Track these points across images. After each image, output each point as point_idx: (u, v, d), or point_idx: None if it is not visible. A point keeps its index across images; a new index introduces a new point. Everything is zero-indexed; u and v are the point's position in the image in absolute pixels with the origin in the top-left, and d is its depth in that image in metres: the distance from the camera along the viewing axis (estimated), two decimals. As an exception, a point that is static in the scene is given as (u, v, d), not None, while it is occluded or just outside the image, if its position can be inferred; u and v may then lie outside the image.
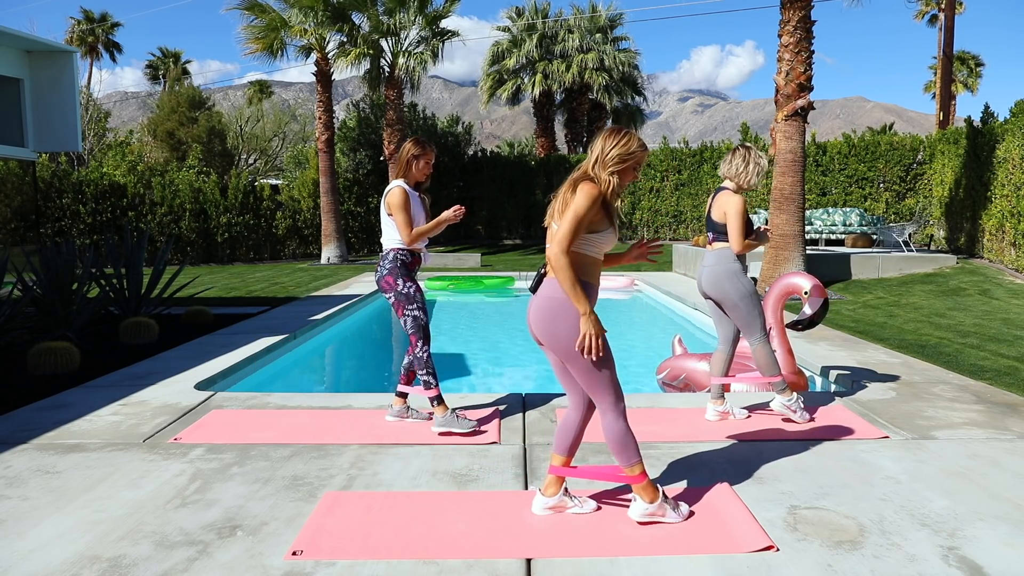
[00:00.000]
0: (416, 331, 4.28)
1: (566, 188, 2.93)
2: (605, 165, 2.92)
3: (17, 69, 9.84)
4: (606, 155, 2.92)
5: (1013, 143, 12.35)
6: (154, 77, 47.59)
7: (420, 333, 4.28)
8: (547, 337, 2.92)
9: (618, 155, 2.92)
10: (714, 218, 4.43)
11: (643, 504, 3.01)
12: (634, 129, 26.93)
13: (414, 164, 4.34)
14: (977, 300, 10.20)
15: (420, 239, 4.28)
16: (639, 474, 3.00)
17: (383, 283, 4.29)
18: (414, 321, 4.27)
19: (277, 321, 8.55)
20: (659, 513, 3.02)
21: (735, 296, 4.36)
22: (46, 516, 3.13)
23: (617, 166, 2.92)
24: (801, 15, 10.85)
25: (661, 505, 3.02)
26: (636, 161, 2.96)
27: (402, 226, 4.22)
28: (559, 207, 2.92)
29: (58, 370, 5.88)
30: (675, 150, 22.28)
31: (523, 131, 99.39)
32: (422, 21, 18.74)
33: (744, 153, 4.42)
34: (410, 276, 4.31)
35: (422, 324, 4.29)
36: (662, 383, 6.01)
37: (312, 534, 2.93)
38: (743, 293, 4.36)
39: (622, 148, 2.92)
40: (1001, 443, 4.05)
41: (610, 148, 2.92)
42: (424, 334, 4.30)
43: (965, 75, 43.25)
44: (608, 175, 2.91)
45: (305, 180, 21.42)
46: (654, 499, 3.00)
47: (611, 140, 2.94)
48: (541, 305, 2.93)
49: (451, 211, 4.27)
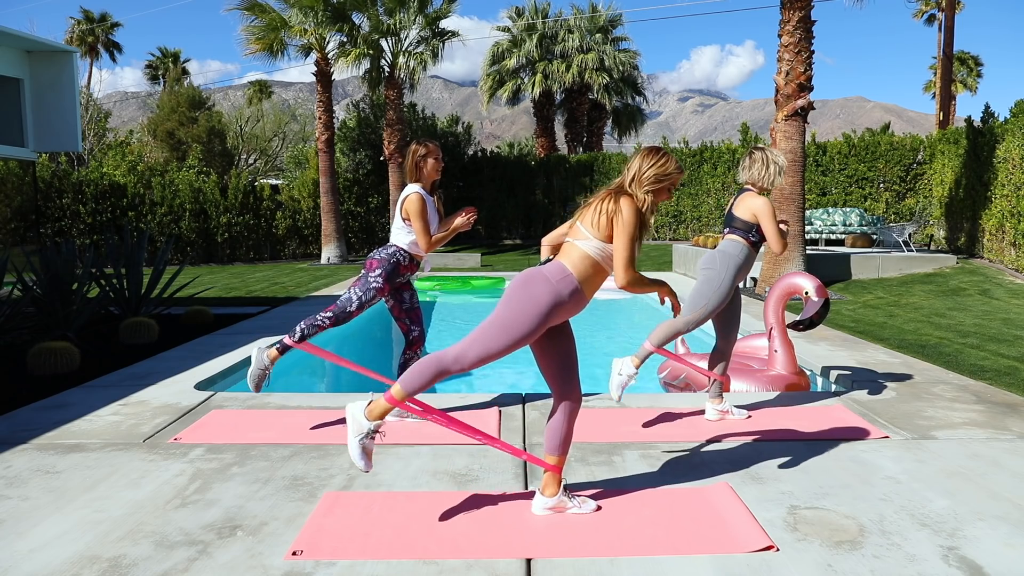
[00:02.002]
0: (340, 310, 4.23)
1: (602, 198, 2.94)
2: (641, 184, 2.96)
3: (17, 69, 9.84)
4: (643, 174, 2.97)
5: (1013, 143, 12.35)
6: (154, 77, 47.57)
7: (341, 315, 4.23)
8: (507, 293, 2.90)
9: (654, 175, 2.96)
10: (736, 213, 4.42)
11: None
12: (634, 129, 26.70)
13: (423, 164, 4.34)
14: (977, 300, 10.20)
15: (437, 246, 4.34)
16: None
17: (369, 261, 4.31)
18: (349, 303, 4.22)
19: (277, 321, 8.55)
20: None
21: (711, 274, 4.34)
22: (46, 516, 3.13)
23: (653, 186, 2.97)
24: (801, 15, 10.86)
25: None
26: (672, 183, 3.02)
27: (420, 233, 4.23)
28: (594, 217, 2.91)
29: (58, 370, 5.88)
30: (675, 150, 22.28)
31: (523, 131, 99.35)
32: (422, 21, 18.74)
33: (762, 156, 4.43)
34: (391, 276, 4.30)
35: (349, 311, 4.23)
36: (663, 382, 6.02)
37: (312, 534, 2.93)
38: (719, 280, 4.31)
39: (659, 169, 2.97)
40: (1001, 443, 4.05)
41: (647, 168, 2.97)
42: (343, 317, 4.23)
43: (965, 75, 43.25)
44: (644, 194, 2.95)
45: (305, 180, 21.42)
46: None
47: (648, 160, 2.99)
48: (526, 273, 2.94)
49: (464, 218, 4.29)
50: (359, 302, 4.24)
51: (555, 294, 2.84)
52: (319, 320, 4.23)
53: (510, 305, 2.85)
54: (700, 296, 4.35)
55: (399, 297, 4.47)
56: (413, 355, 4.53)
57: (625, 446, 4.02)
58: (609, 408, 4.77)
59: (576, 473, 3.60)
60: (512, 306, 2.84)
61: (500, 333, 2.84)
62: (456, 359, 2.86)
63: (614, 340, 8.93)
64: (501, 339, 2.83)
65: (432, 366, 2.87)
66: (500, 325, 2.84)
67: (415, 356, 4.54)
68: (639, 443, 4.08)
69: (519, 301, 2.84)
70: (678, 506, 3.20)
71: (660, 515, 3.11)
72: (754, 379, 5.35)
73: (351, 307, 4.24)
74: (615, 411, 4.69)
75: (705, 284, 4.35)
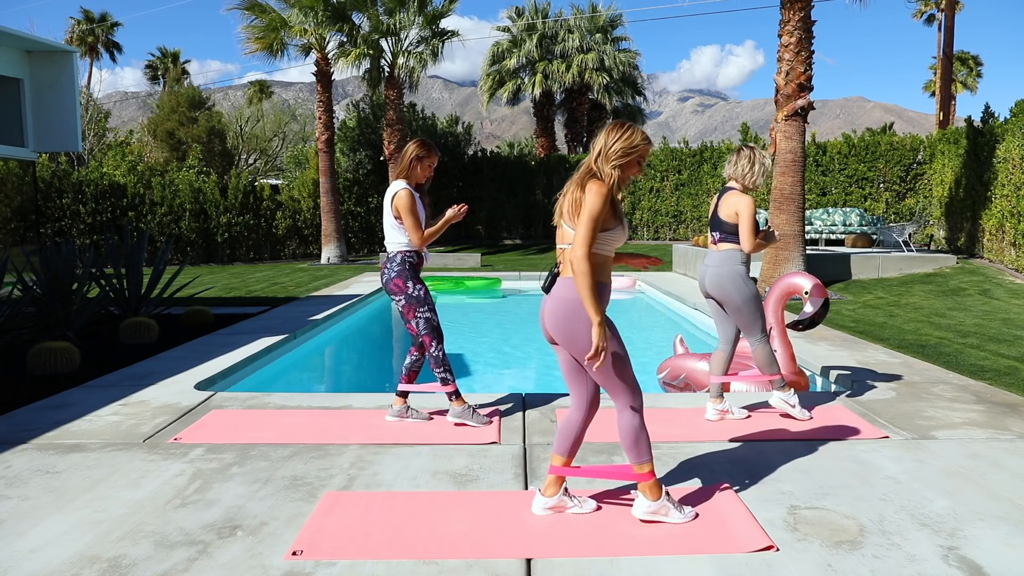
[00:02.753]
0: (429, 332, 4.30)
1: (574, 186, 2.91)
2: (608, 159, 2.90)
3: (17, 69, 9.84)
4: (609, 149, 2.90)
5: (1013, 143, 12.35)
6: (154, 77, 47.59)
7: (433, 334, 4.31)
8: (563, 338, 2.93)
9: (621, 148, 2.90)
10: (722, 217, 4.41)
11: (647, 502, 3.02)
12: (635, 128, 26.88)
13: (417, 165, 4.32)
14: (977, 300, 10.20)
15: (430, 240, 4.31)
16: (647, 472, 3.02)
17: (392, 286, 4.28)
18: (427, 323, 4.30)
19: (277, 321, 8.55)
20: (662, 512, 3.02)
21: (739, 299, 4.39)
22: (46, 516, 3.13)
23: (620, 159, 2.90)
24: (801, 15, 10.86)
25: (664, 504, 3.03)
26: (640, 154, 2.94)
27: (412, 229, 4.22)
28: (568, 207, 2.90)
29: (58, 370, 5.88)
30: (675, 150, 22.28)
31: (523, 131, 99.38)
32: (422, 21, 18.74)
33: (749, 154, 4.42)
34: (417, 278, 4.32)
35: (435, 325, 4.31)
36: (662, 382, 6.02)
37: (312, 534, 2.93)
38: (747, 297, 4.38)
39: (625, 142, 2.91)
40: (1001, 443, 4.05)
41: (613, 142, 2.91)
42: (437, 334, 4.32)
43: (965, 75, 43.26)
44: (611, 169, 2.90)
45: (305, 180, 21.42)
46: (657, 497, 3.01)
47: (614, 134, 2.93)
48: (557, 307, 2.92)
49: (454, 209, 4.28)
50: (427, 315, 4.31)
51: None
52: (435, 354, 4.33)
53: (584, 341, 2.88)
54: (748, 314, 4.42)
55: None
56: (419, 357, 4.52)
57: (625, 446, 4.02)
58: (609, 408, 4.75)
59: (576, 473, 3.60)
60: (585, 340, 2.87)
61: (614, 367, 2.93)
62: (632, 408, 3.01)
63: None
64: (621, 367, 2.95)
65: (635, 427, 3.01)
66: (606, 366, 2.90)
67: (421, 359, 4.53)
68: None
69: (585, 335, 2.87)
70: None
71: (660, 515, 3.11)
72: (754, 379, 5.34)
73: (434, 321, 4.32)
74: (615, 411, 4.68)
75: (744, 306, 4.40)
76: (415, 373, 4.52)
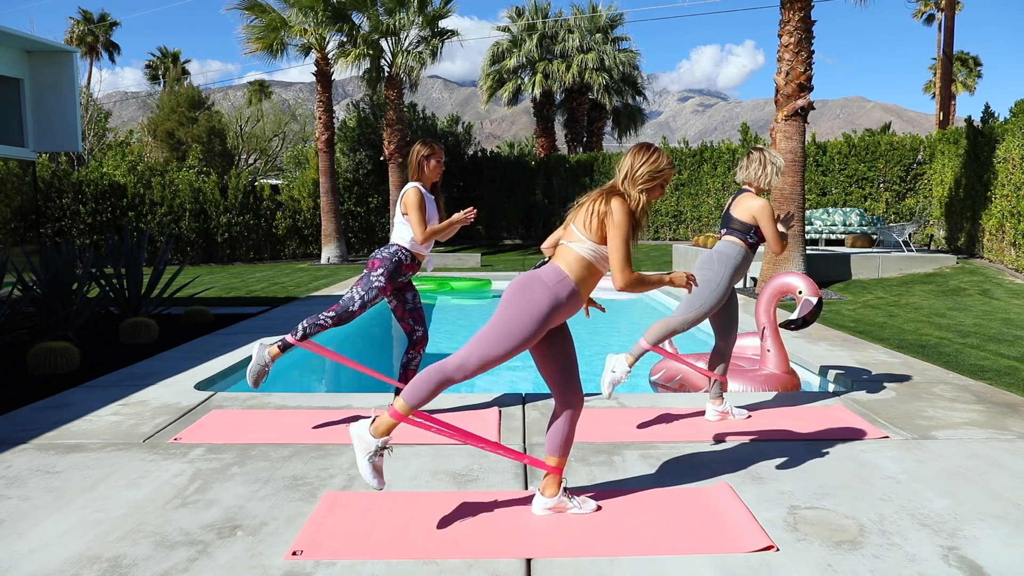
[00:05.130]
0: (342, 310, 4.23)
1: (594, 198, 2.91)
2: (635, 182, 2.93)
3: (17, 69, 9.84)
4: (635, 172, 2.93)
5: (1013, 143, 12.35)
6: (154, 77, 47.60)
7: (344, 314, 4.23)
8: (504, 298, 2.89)
9: (648, 172, 2.93)
10: (734, 214, 4.41)
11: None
12: (634, 129, 26.59)
13: (425, 164, 4.38)
14: (977, 300, 10.20)
15: (432, 238, 4.32)
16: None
17: (371, 261, 4.32)
18: (350, 301, 4.23)
19: (277, 321, 8.55)
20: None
21: (709, 275, 4.34)
22: (46, 516, 3.13)
23: (646, 184, 2.94)
24: (801, 15, 10.86)
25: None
26: (664, 179, 2.99)
27: (416, 224, 4.24)
28: (587, 218, 2.89)
29: (58, 370, 5.88)
30: (675, 150, 22.29)
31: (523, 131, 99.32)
32: (421, 21, 18.74)
33: (759, 156, 4.42)
34: (393, 276, 4.30)
35: (350, 310, 4.23)
36: (656, 384, 5.96)
37: (312, 534, 2.93)
38: (717, 280, 4.32)
39: (651, 166, 2.94)
40: (1001, 443, 4.05)
41: (640, 166, 2.94)
42: (342, 318, 4.23)
43: (964, 75, 43.27)
44: (637, 192, 2.93)
45: (305, 180, 21.42)
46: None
47: (640, 157, 2.95)
48: (523, 276, 2.93)
49: (462, 213, 4.30)
50: (361, 301, 4.25)
51: (553, 297, 2.84)
52: (321, 319, 4.23)
53: (509, 310, 2.84)
54: (697, 296, 4.36)
55: (402, 297, 4.48)
56: (416, 355, 4.53)
57: (625, 446, 4.02)
58: (609, 408, 4.77)
59: (576, 473, 3.60)
60: (511, 311, 2.83)
61: (500, 339, 2.82)
62: (459, 367, 2.83)
63: (615, 341, 8.93)
64: (502, 344, 2.82)
65: (434, 377, 2.84)
66: (500, 331, 2.83)
67: (417, 356, 4.54)
68: (639, 443, 4.08)
69: (518, 306, 2.83)
70: (678, 506, 3.20)
71: (660, 515, 3.11)
72: (746, 378, 5.35)
73: (353, 306, 4.24)
74: (615, 411, 4.69)
75: (703, 285, 4.35)
76: (413, 372, 4.52)
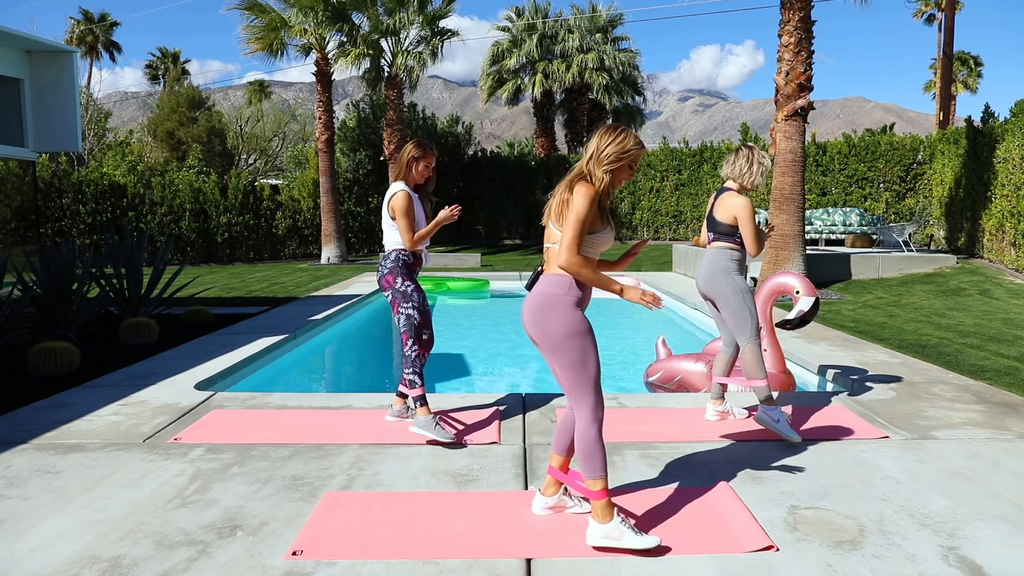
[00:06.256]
0: (408, 329, 4.28)
1: (563, 188, 2.90)
2: (600, 162, 2.88)
3: (17, 69, 9.84)
4: (601, 152, 2.89)
5: (1013, 143, 12.35)
6: (154, 77, 47.58)
7: (411, 332, 4.28)
8: (535, 330, 2.87)
9: (614, 153, 2.88)
10: (718, 217, 4.38)
11: (597, 525, 2.82)
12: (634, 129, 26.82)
13: (414, 166, 4.35)
14: (977, 300, 10.20)
15: (421, 242, 4.32)
16: (599, 491, 2.82)
17: (383, 281, 4.33)
18: (407, 319, 4.28)
19: (277, 321, 8.55)
20: (615, 535, 2.79)
21: (727, 291, 4.31)
22: (46, 516, 3.13)
23: (612, 164, 2.88)
24: (801, 15, 10.86)
25: (617, 527, 2.80)
26: (632, 159, 2.92)
27: (405, 231, 4.25)
28: (557, 208, 2.89)
29: (58, 370, 5.88)
30: (675, 150, 22.27)
31: (523, 131, 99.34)
32: (422, 21, 18.73)
33: (747, 153, 4.39)
34: (410, 276, 4.34)
35: (415, 323, 4.28)
36: (652, 385, 5.89)
37: (312, 534, 2.93)
38: (735, 288, 4.30)
39: (618, 146, 2.88)
40: (1001, 443, 4.05)
41: (606, 145, 2.89)
42: (416, 334, 4.29)
43: (965, 75, 43.25)
44: (603, 173, 2.88)
45: (305, 180, 21.42)
46: (609, 519, 2.81)
47: (607, 137, 2.91)
48: (533, 299, 2.91)
49: (446, 211, 4.28)
50: (413, 309, 4.27)
51: (575, 302, 2.85)
52: (408, 353, 4.27)
53: (555, 341, 2.82)
54: (738, 312, 4.27)
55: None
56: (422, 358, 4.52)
57: (625, 446, 4.02)
58: (609, 408, 4.76)
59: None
60: (561, 341, 2.81)
61: (578, 366, 2.82)
62: (590, 413, 2.83)
63: (614, 340, 8.93)
64: (585, 369, 2.82)
65: (591, 437, 2.83)
66: (569, 362, 2.82)
67: (423, 359, 4.53)
68: (639, 443, 4.08)
69: (555, 329, 2.81)
70: (678, 506, 3.20)
71: (660, 515, 3.11)
72: (736, 380, 5.32)
73: (415, 320, 4.27)
74: (615, 411, 4.69)
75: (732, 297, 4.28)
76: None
